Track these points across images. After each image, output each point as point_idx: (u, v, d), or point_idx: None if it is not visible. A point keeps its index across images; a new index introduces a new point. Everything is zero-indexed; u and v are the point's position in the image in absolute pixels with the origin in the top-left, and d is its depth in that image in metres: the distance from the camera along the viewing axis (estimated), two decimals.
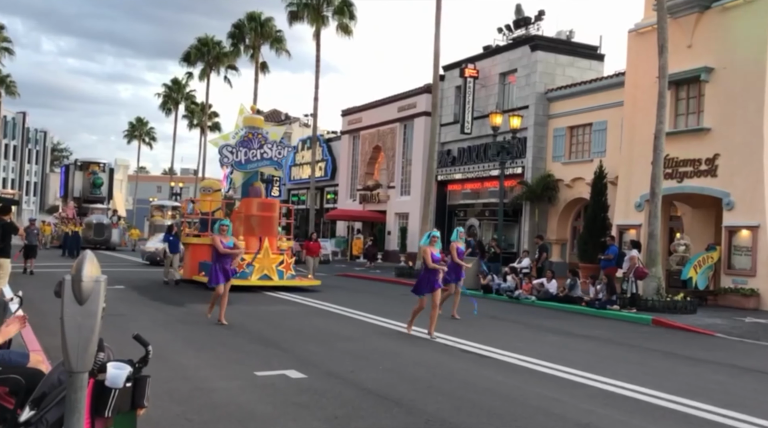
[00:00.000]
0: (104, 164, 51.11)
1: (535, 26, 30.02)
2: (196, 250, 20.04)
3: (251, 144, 20.37)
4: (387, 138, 37.97)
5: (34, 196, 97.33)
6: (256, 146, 20.44)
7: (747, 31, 18.61)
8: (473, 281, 20.77)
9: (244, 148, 20.32)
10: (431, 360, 9.13)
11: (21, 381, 3.96)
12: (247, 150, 20.34)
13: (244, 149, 20.31)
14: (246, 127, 20.74)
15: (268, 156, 20.68)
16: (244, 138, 20.42)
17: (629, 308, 15.88)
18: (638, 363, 9.65)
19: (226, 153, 20.20)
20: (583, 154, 26.19)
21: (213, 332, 11.04)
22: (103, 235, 41.41)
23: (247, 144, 20.36)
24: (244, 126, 20.80)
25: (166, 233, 21.57)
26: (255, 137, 20.50)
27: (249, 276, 18.18)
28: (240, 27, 45.16)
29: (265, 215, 19.62)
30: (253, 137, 20.47)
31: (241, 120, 21.17)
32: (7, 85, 60.95)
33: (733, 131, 18.72)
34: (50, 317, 10.44)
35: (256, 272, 18.51)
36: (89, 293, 2.91)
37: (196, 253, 19.93)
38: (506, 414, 6.40)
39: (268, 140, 20.75)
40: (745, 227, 18.35)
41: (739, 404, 7.10)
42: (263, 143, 20.57)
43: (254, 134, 20.53)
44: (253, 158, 20.48)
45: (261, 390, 7.02)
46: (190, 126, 66.18)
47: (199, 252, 19.78)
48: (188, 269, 20.10)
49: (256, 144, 20.45)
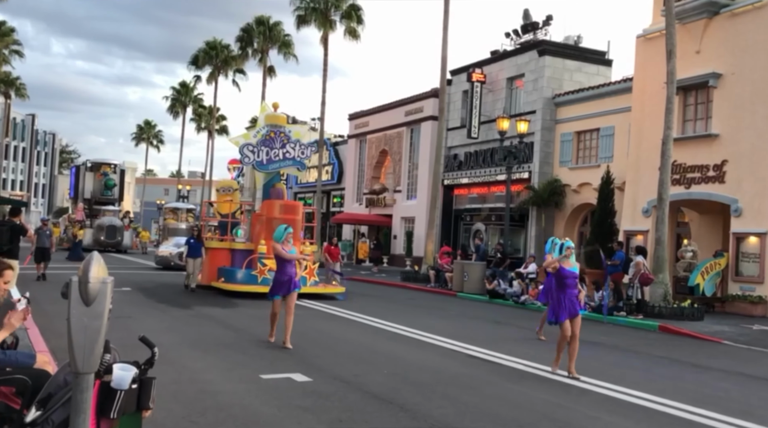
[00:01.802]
0: (115, 165, 50.10)
1: (542, 31, 30.01)
2: (215, 255, 19.29)
3: (273, 143, 19.46)
4: (394, 142, 38.00)
5: (43, 198, 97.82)
6: (279, 145, 19.53)
7: (756, 36, 18.56)
8: (479, 285, 20.78)
9: (266, 147, 19.41)
10: (436, 364, 9.12)
11: (27, 381, 3.98)
12: (269, 149, 19.43)
13: (265, 148, 19.40)
14: (268, 125, 19.81)
15: (290, 156, 19.75)
16: (266, 137, 19.50)
17: (636, 315, 15.82)
18: (644, 369, 9.60)
19: (247, 153, 19.33)
20: (590, 159, 26.15)
21: (218, 334, 11.06)
22: (114, 237, 40.86)
23: (269, 143, 19.45)
24: (265, 124, 19.90)
25: (188, 237, 20.80)
26: (277, 135, 19.58)
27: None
28: (248, 31, 45.34)
29: (288, 217, 18.22)
30: (275, 136, 19.55)
31: (262, 118, 20.30)
32: (17, 88, 61.28)
33: (742, 137, 18.65)
34: (57, 318, 10.50)
35: None
36: (96, 294, 2.93)
37: (216, 258, 19.21)
38: (511, 420, 6.38)
39: (291, 138, 19.79)
40: (753, 234, 18.27)
41: (746, 412, 7.06)
42: (285, 142, 19.64)
43: (276, 133, 19.60)
44: (275, 157, 19.54)
45: (266, 392, 7.03)
46: (197, 129, 66.38)
47: (219, 257, 19.17)
48: (206, 274, 19.10)
49: (279, 143, 19.53)
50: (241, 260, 18.47)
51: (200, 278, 19.12)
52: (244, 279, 17.73)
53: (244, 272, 17.87)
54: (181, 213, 45.36)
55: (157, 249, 30.92)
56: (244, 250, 18.86)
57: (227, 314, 13.90)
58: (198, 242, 19.03)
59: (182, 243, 26.45)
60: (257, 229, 18.92)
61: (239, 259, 18.59)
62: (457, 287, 21.52)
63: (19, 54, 56.78)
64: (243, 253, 18.74)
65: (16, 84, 61.01)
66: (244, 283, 17.57)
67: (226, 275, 18.38)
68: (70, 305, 2.92)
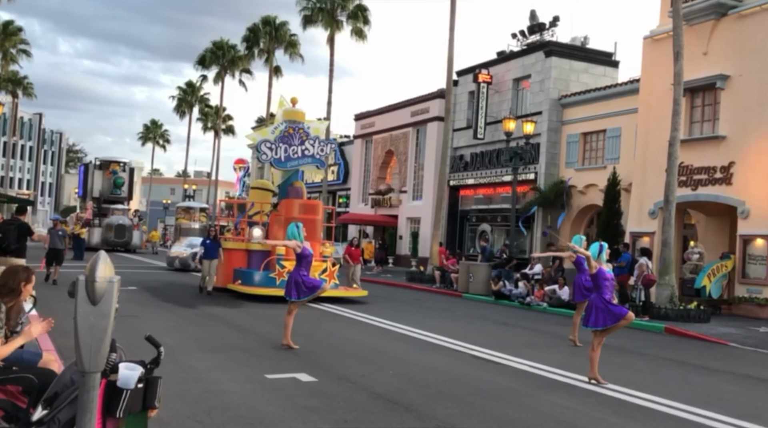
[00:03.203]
0: (125, 163, 48.72)
1: (549, 32, 29.95)
2: (230, 256, 18.36)
3: (292, 140, 18.60)
4: (399, 142, 37.98)
5: (49, 197, 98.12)
6: (297, 142, 18.67)
7: (763, 38, 18.47)
8: (485, 286, 20.75)
9: (285, 144, 18.54)
10: (441, 365, 9.10)
11: (34, 380, 3.99)
12: (288, 146, 18.57)
13: (284, 145, 18.53)
14: (286, 121, 18.90)
15: (309, 153, 18.87)
16: (284, 133, 18.61)
17: (642, 316, 15.76)
18: (651, 371, 9.57)
19: (265, 149, 18.40)
20: (596, 160, 26.08)
21: (224, 335, 11.07)
22: (123, 237, 40.10)
23: (288, 140, 18.58)
24: (283, 120, 19.01)
25: (203, 238, 20.17)
26: (296, 132, 18.69)
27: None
28: (255, 31, 45.44)
29: (308, 217, 17.48)
30: (294, 132, 18.67)
31: (280, 113, 19.39)
32: (24, 87, 61.57)
33: (749, 139, 18.57)
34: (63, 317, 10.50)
35: None
36: (102, 293, 2.93)
37: (231, 259, 18.30)
38: (517, 421, 6.36)
39: (310, 135, 18.90)
40: (760, 236, 18.18)
41: (754, 415, 7.03)
42: (305, 139, 18.77)
43: (295, 129, 18.71)
44: (293, 155, 18.71)
45: (271, 392, 7.03)
46: (204, 129, 66.58)
47: (235, 258, 18.34)
48: (222, 276, 18.20)
49: (297, 140, 18.67)
50: (258, 261, 17.73)
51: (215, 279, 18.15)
52: (262, 282, 16.99)
53: (262, 275, 17.17)
54: (194, 213, 43.58)
55: (169, 250, 29.70)
56: (262, 251, 17.94)
57: (233, 313, 13.92)
58: (215, 242, 18.16)
59: (196, 244, 25.74)
60: (275, 229, 18.06)
61: (256, 260, 17.85)
62: (463, 288, 21.49)
63: (26, 53, 57.07)
64: (260, 254, 17.92)
65: (23, 83, 61.30)
66: (262, 286, 16.82)
67: (242, 277, 17.64)
68: (76, 304, 2.92)
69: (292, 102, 19.31)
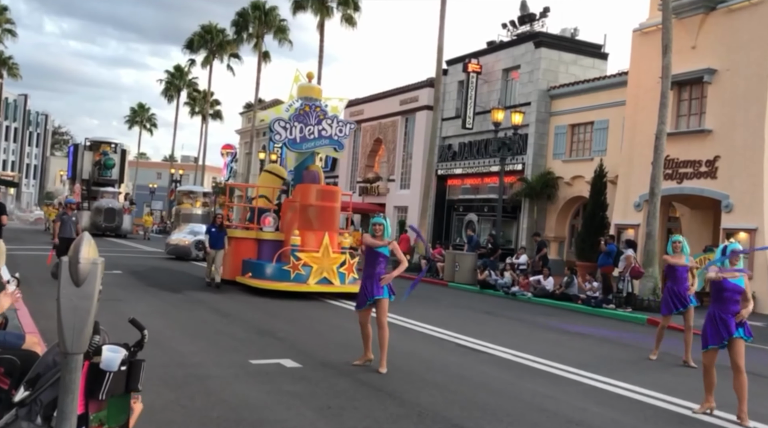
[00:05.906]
0: (116, 144, 46.18)
1: (539, 23, 29.94)
2: (239, 245, 16.84)
3: (308, 119, 16.88)
4: (388, 131, 37.94)
5: (34, 179, 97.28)
6: (314, 121, 16.94)
7: (752, 33, 18.59)
8: (470, 276, 20.85)
9: (300, 123, 16.80)
10: (425, 353, 9.16)
11: (16, 361, 3.98)
12: (303, 126, 16.83)
13: (299, 124, 16.79)
14: (301, 98, 17.28)
15: (327, 134, 17.08)
16: (300, 112, 16.89)
17: (625, 308, 15.93)
18: (632, 361, 9.68)
19: (279, 129, 16.63)
20: (583, 152, 26.18)
21: (209, 319, 11.06)
22: (114, 221, 38.51)
23: (304, 119, 16.84)
24: (298, 97, 17.39)
25: (208, 225, 18.87)
26: (312, 110, 16.96)
27: (306, 280, 15.22)
28: (244, 15, 45.11)
29: (326, 205, 16.26)
30: (311, 111, 16.93)
31: (295, 89, 17.70)
32: (9, 67, 60.78)
33: (735, 134, 18.72)
34: (47, 299, 10.47)
35: (314, 274, 15.27)
36: (86, 275, 2.92)
37: (240, 249, 16.80)
38: (499, 409, 6.42)
39: (327, 114, 17.24)
40: (744, 229, 18.37)
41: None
42: (322, 118, 17.04)
43: (311, 107, 16.98)
44: (309, 135, 16.95)
45: (255, 378, 7.04)
46: (191, 113, 66.09)
47: (244, 248, 16.81)
48: (229, 268, 16.67)
49: (314, 119, 16.94)
50: (269, 252, 16.18)
51: (221, 271, 16.59)
52: (274, 275, 15.41)
53: (275, 267, 15.56)
54: (196, 197, 40.58)
55: (169, 237, 27.77)
56: (274, 241, 16.45)
57: (218, 299, 13.90)
58: (221, 231, 16.62)
59: (197, 231, 24.87)
60: (289, 217, 16.49)
61: (268, 251, 16.31)
62: (449, 278, 21.58)
63: (11, 33, 56.32)
64: (272, 244, 16.38)
65: (8, 63, 60.49)
66: (274, 279, 15.26)
67: (252, 269, 16.11)
68: (60, 285, 2.91)
69: (308, 77, 17.81)
